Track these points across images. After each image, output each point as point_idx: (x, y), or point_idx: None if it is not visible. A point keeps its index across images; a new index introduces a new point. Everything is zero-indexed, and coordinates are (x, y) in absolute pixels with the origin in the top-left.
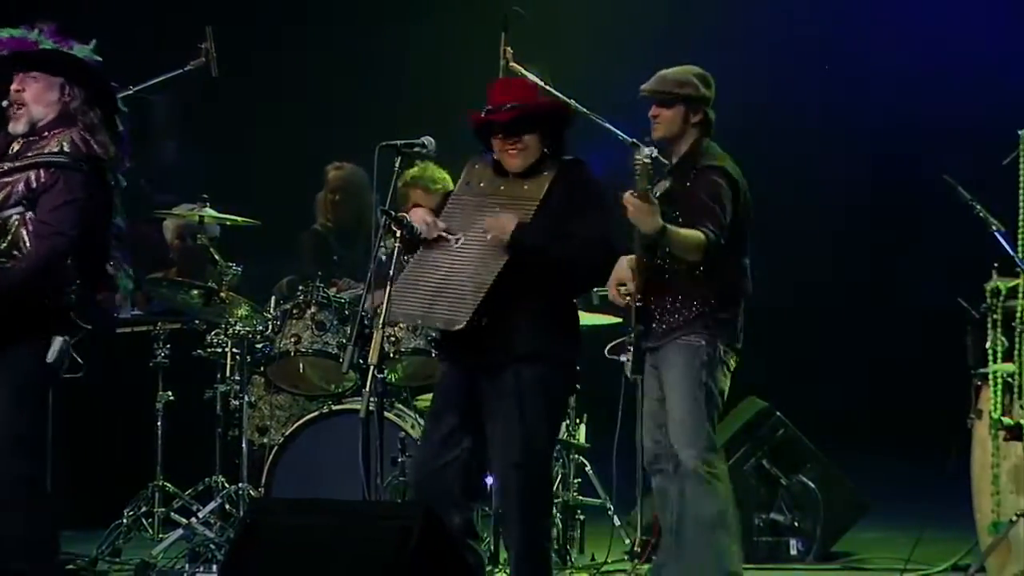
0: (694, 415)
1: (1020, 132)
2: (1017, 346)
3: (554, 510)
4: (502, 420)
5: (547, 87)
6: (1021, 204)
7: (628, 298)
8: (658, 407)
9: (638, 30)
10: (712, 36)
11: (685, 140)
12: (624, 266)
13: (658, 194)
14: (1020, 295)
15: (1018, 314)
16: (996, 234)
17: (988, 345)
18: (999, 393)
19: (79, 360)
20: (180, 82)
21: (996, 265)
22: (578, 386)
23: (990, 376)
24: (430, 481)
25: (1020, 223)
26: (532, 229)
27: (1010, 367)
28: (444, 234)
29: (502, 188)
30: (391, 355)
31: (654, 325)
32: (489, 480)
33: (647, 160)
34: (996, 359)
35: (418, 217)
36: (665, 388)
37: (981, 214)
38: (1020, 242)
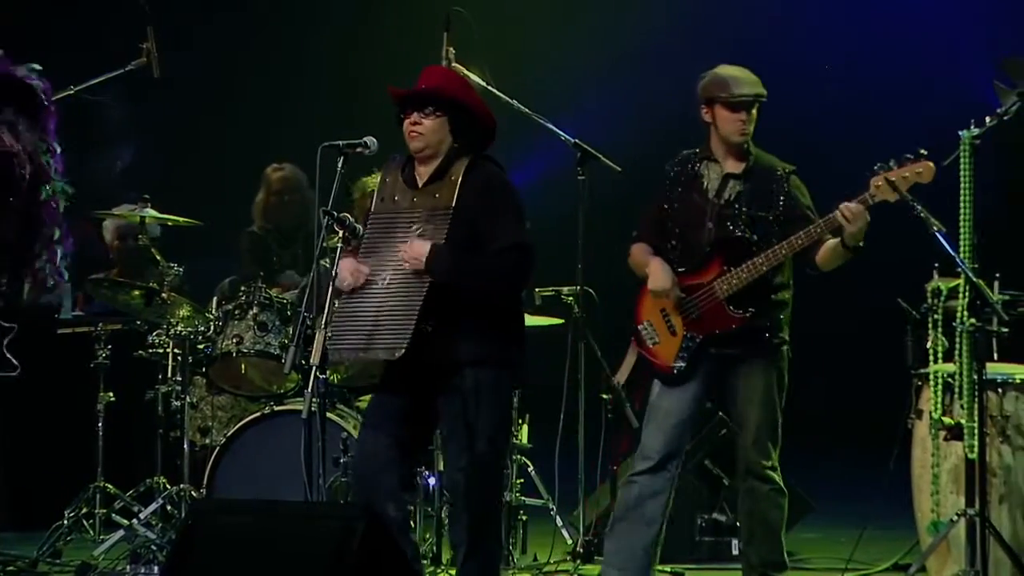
0: (777, 424)
1: (961, 133)
2: (957, 346)
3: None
4: (450, 422)
5: (489, 87)
6: (962, 205)
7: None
8: (690, 413)
9: (584, 33)
10: (647, 37)
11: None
12: (665, 272)
13: (731, 197)
14: (960, 295)
15: (958, 314)
16: (937, 235)
17: (929, 345)
18: (939, 393)
19: (13, 361)
20: (120, 82)
21: (937, 265)
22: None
23: (930, 376)
24: (369, 474)
25: (961, 224)
26: (446, 253)
27: (950, 367)
28: (371, 279)
29: (415, 200)
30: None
31: (743, 329)
32: (432, 480)
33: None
34: (936, 359)
35: (344, 271)
36: (752, 394)
37: (922, 214)
38: (961, 243)
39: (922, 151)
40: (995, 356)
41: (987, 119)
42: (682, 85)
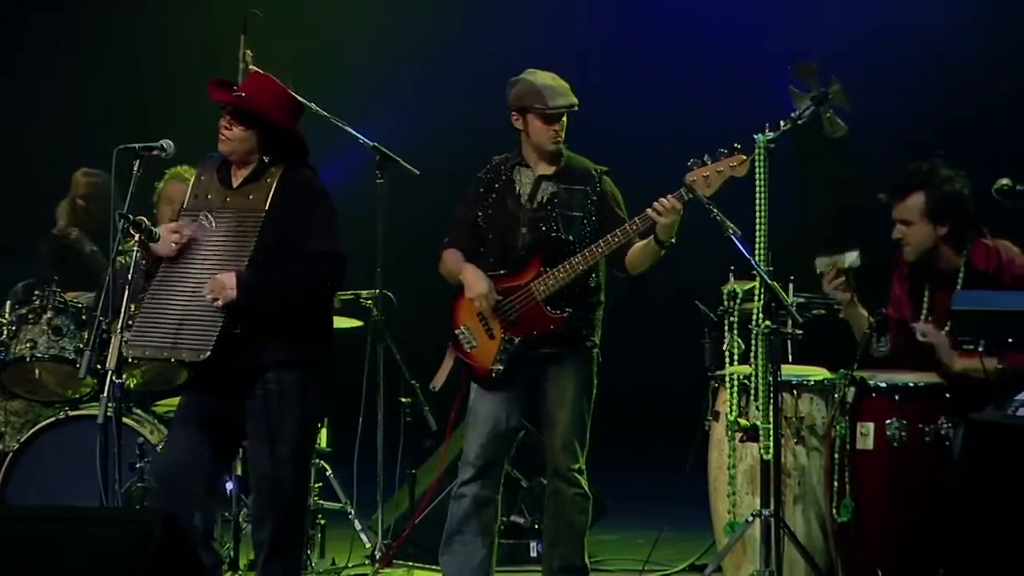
0: (585, 427)
1: (756, 137)
2: (753, 348)
3: None
4: (255, 425)
5: (287, 89)
6: (757, 208)
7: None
8: (508, 416)
9: (387, 36)
10: (449, 41)
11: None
12: (480, 278)
13: (544, 199)
14: (756, 298)
15: (754, 317)
16: (732, 237)
17: (725, 347)
18: (736, 395)
19: None
20: None
21: (733, 268)
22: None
23: (727, 378)
24: (173, 483)
25: (756, 226)
26: (253, 279)
27: (746, 369)
28: (177, 276)
29: (228, 200)
30: (129, 360)
31: (560, 329)
32: (229, 485)
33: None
34: (733, 361)
35: (165, 235)
36: (561, 397)
37: (718, 217)
38: (756, 245)
39: (736, 145)
40: (790, 358)
41: (781, 123)
42: (482, 87)
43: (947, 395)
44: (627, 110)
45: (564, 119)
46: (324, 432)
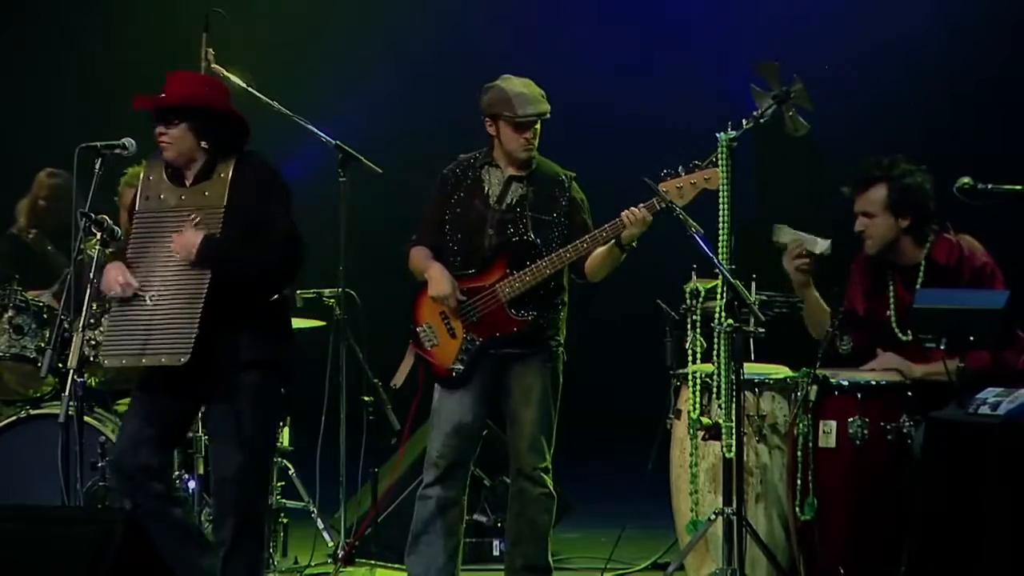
0: (551, 425)
1: (718, 135)
2: (715, 347)
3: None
4: (217, 425)
5: (249, 89)
6: (720, 206)
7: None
8: (472, 416)
9: (352, 34)
10: (413, 41)
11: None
12: (444, 277)
13: (513, 200)
14: (718, 296)
15: (716, 315)
16: (695, 236)
17: (687, 346)
18: (698, 393)
19: None
20: None
21: (695, 267)
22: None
23: (689, 376)
24: (127, 459)
25: (719, 225)
26: (216, 242)
27: (708, 367)
28: (139, 292)
29: (183, 199)
30: (91, 359)
31: (519, 332)
32: (191, 484)
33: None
34: (695, 360)
35: (112, 278)
36: (526, 395)
37: (680, 216)
38: (719, 244)
39: (712, 158)
40: (752, 356)
41: (744, 121)
42: (447, 86)
43: (909, 393)
44: (591, 110)
45: (537, 126)
46: (286, 431)
